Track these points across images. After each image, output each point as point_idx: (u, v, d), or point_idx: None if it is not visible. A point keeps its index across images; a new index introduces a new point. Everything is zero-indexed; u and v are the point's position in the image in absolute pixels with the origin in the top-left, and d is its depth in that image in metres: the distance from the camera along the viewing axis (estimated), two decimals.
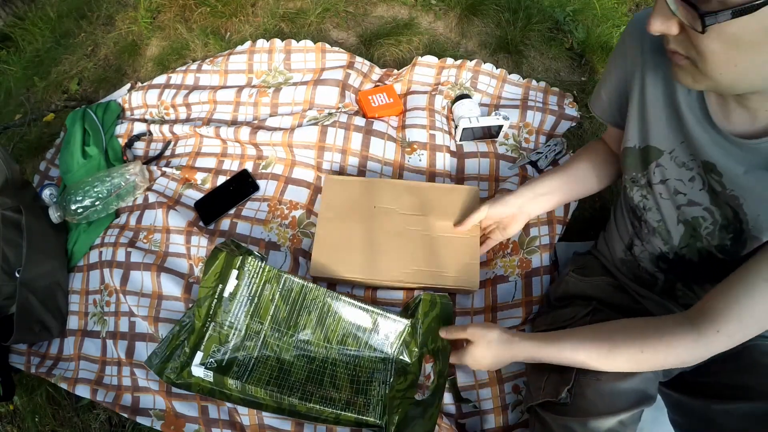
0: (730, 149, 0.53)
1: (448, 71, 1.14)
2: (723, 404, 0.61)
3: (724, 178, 0.54)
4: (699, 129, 0.55)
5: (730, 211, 0.55)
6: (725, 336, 0.53)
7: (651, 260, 0.68)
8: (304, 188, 0.99)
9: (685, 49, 0.45)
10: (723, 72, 0.44)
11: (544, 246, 0.90)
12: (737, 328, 0.52)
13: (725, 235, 0.57)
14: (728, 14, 0.38)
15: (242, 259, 0.78)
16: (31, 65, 1.43)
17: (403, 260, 0.86)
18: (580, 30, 1.30)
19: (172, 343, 0.80)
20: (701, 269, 0.59)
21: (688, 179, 0.59)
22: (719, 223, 0.57)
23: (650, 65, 0.59)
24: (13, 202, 0.92)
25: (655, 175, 0.62)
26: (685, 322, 0.56)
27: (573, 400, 0.63)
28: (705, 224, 0.59)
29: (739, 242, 0.55)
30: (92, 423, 0.90)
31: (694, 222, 0.60)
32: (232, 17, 1.36)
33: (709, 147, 0.55)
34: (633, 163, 0.65)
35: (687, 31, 0.43)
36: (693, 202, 0.59)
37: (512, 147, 1.05)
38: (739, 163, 0.53)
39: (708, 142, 0.55)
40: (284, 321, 0.80)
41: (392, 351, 0.81)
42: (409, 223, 0.89)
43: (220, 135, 1.05)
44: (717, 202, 0.57)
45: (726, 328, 0.52)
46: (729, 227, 0.56)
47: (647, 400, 0.62)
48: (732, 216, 0.55)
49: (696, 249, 0.61)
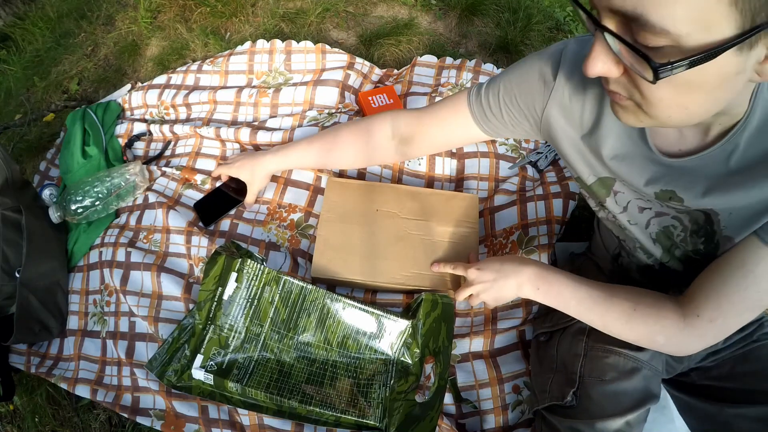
0: (675, 174, 0.51)
1: (448, 71, 1.14)
2: (736, 408, 0.61)
3: (686, 202, 0.52)
4: (646, 165, 0.52)
5: (701, 215, 0.53)
6: (705, 320, 0.54)
7: (638, 270, 0.67)
8: (304, 190, 0.99)
9: (628, 92, 0.40)
10: (671, 114, 0.39)
11: (542, 246, 0.90)
12: (717, 314, 0.53)
13: (697, 240, 0.55)
14: (685, 65, 0.32)
15: (241, 262, 0.78)
16: (31, 65, 1.43)
17: (403, 263, 0.87)
18: (580, 30, 1.30)
19: (173, 346, 0.81)
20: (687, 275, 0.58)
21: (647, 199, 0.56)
22: (689, 229, 0.55)
23: (578, 94, 0.56)
24: (13, 202, 0.92)
25: (617, 204, 0.60)
26: (676, 303, 0.57)
27: (579, 402, 0.63)
28: (676, 231, 0.57)
29: (711, 244, 0.54)
30: (92, 423, 0.90)
31: (666, 232, 0.58)
32: (232, 17, 1.36)
33: (658, 181, 0.52)
34: (588, 195, 0.64)
35: (630, 73, 0.38)
36: (660, 213, 0.57)
37: (512, 147, 1.05)
38: (693, 183, 0.50)
39: (656, 177, 0.52)
40: (284, 323, 0.80)
41: (393, 352, 0.81)
42: (410, 228, 0.90)
43: (220, 136, 1.05)
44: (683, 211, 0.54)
45: (705, 312, 0.53)
46: (699, 231, 0.54)
47: (652, 398, 0.62)
48: (703, 219, 0.53)
49: (677, 258, 0.59)
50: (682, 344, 0.57)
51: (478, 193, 0.99)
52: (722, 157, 0.47)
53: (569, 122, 0.58)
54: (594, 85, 0.54)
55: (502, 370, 0.83)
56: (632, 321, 0.59)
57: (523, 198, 0.96)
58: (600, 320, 0.62)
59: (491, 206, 0.96)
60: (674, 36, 0.32)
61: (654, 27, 0.32)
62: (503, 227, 0.94)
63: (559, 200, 0.93)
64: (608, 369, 0.63)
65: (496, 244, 0.93)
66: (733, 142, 0.46)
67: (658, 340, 0.58)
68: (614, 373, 0.63)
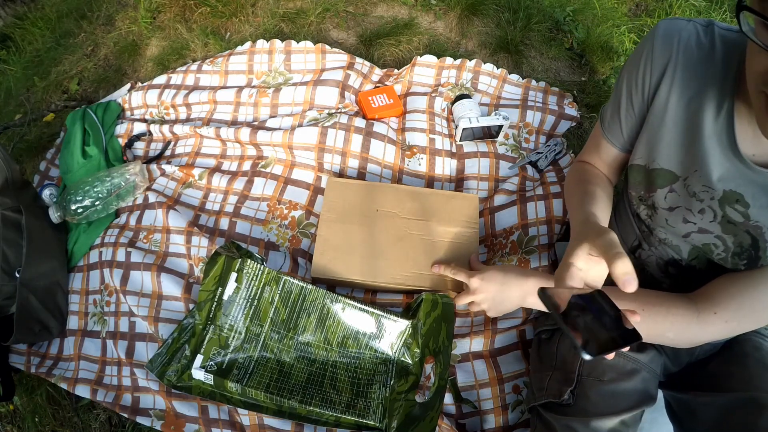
0: (755, 180, 0.51)
1: (448, 71, 1.14)
2: (705, 396, 0.62)
3: (751, 209, 0.52)
4: (723, 159, 0.52)
5: (748, 238, 0.53)
6: (721, 320, 0.54)
7: (658, 265, 0.67)
8: (304, 189, 0.99)
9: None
10: None
11: (542, 246, 0.90)
12: (733, 316, 0.53)
13: (738, 261, 0.55)
14: None
15: (241, 262, 0.78)
16: (31, 65, 1.43)
17: (403, 263, 0.87)
18: (580, 30, 1.30)
19: (173, 347, 0.81)
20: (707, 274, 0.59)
21: (698, 211, 0.57)
22: (731, 251, 0.55)
23: (679, 83, 0.55)
24: (13, 202, 0.92)
25: (665, 200, 0.59)
26: (687, 300, 0.58)
27: (576, 400, 0.63)
28: (717, 251, 0.57)
29: (754, 266, 0.54)
30: (92, 423, 0.90)
31: (704, 248, 0.58)
32: (232, 17, 1.36)
33: (733, 178, 0.52)
34: (640, 181, 0.63)
35: None
36: (704, 230, 0.57)
37: (512, 147, 1.05)
38: (766, 195, 0.51)
39: (732, 173, 0.52)
40: (284, 323, 0.80)
41: (393, 352, 0.81)
42: (411, 228, 0.90)
43: (220, 135, 1.05)
44: (731, 231, 0.55)
45: (723, 312, 0.54)
46: (743, 254, 0.55)
47: (648, 400, 0.62)
48: (749, 243, 0.53)
49: (705, 260, 0.59)
50: (692, 338, 0.57)
51: (478, 193, 0.99)
52: None
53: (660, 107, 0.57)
54: (698, 77, 0.53)
55: (502, 370, 0.83)
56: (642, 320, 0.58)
57: (523, 198, 0.96)
58: None
59: (491, 206, 0.96)
60: None
61: None
62: (503, 227, 0.94)
63: (560, 200, 0.93)
64: (608, 369, 0.64)
65: (496, 244, 0.93)
66: None
67: (668, 336, 0.58)
68: (613, 374, 0.63)
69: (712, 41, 0.53)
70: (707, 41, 0.53)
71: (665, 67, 0.55)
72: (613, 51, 1.28)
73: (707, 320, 0.55)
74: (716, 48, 0.52)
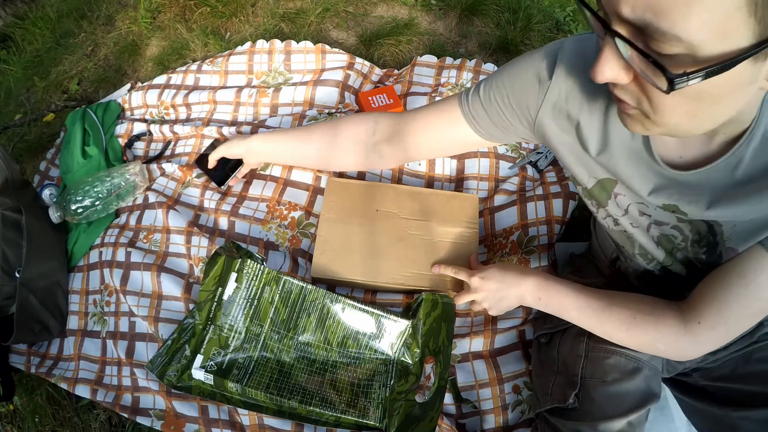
0: (679, 186, 0.50)
1: (448, 71, 1.14)
2: (742, 411, 0.61)
3: (689, 216, 0.51)
4: (647, 176, 0.51)
5: (704, 225, 0.52)
6: (707, 328, 0.54)
7: (636, 276, 0.67)
8: (303, 190, 0.99)
9: (636, 100, 0.39)
10: (680, 122, 0.38)
11: (542, 246, 0.90)
12: (717, 321, 0.53)
13: (698, 249, 0.55)
14: (701, 75, 0.31)
15: (241, 262, 0.78)
16: (31, 65, 1.43)
17: (403, 263, 0.87)
18: (580, 30, 1.30)
19: (173, 347, 0.81)
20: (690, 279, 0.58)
21: (646, 205, 0.55)
22: (690, 239, 0.54)
23: (584, 98, 0.53)
24: (13, 202, 0.92)
25: (618, 208, 0.58)
26: (676, 309, 0.57)
27: (581, 404, 0.63)
28: (676, 241, 0.56)
29: (714, 254, 0.53)
30: (92, 423, 0.90)
31: (666, 239, 0.57)
32: (232, 17, 1.36)
33: (662, 193, 0.51)
34: (588, 200, 0.62)
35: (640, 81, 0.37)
36: (659, 222, 0.56)
37: (512, 147, 1.05)
38: (697, 196, 0.49)
39: (659, 189, 0.51)
40: (284, 323, 0.80)
41: (393, 352, 0.81)
42: (411, 228, 0.90)
43: (222, 134, 1.05)
44: (685, 221, 0.54)
45: (706, 320, 0.54)
46: (701, 241, 0.54)
47: (653, 397, 0.63)
48: (706, 230, 0.52)
49: (680, 261, 0.58)
50: (682, 350, 0.57)
51: (478, 193, 0.99)
52: (728, 170, 0.46)
53: (566, 125, 0.56)
54: (595, 87, 0.52)
55: (502, 370, 0.83)
56: (632, 329, 0.59)
57: (523, 198, 0.96)
58: (600, 328, 0.62)
59: (491, 206, 0.96)
60: (688, 44, 0.30)
61: (666, 35, 0.31)
62: (503, 227, 0.94)
63: (559, 200, 0.93)
64: (610, 370, 0.64)
65: (496, 244, 0.93)
66: (738, 155, 0.45)
67: (659, 347, 0.58)
68: (616, 374, 0.63)
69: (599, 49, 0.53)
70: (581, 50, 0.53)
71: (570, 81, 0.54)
72: None
73: (693, 331, 0.55)
74: None
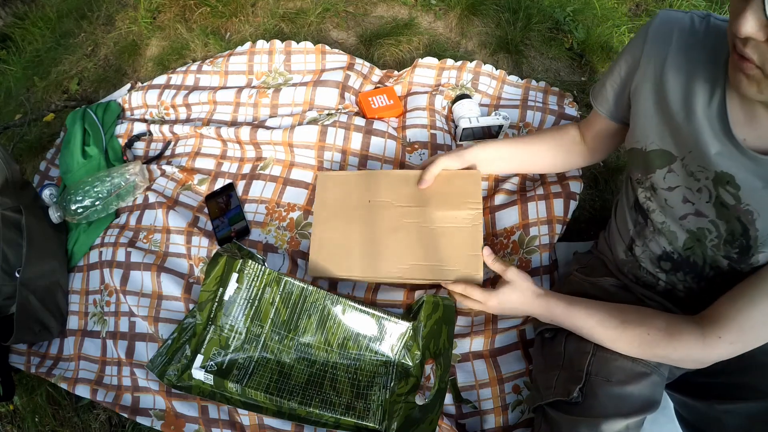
0: (746, 163, 0.52)
1: (449, 72, 1.14)
2: (726, 404, 0.62)
3: (742, 191, 0.53)
4: (715, 141, 0.54)
5: (738, 226, 0.54)
6: (726, 343, 0.55)
7: (652, 261, 0.68)
8: (303, 189, 0.99)
9: (761, 59, 0.43)
10: None
11: (543, 246, 0.90)
12: (737, 337, 0.54)
13: (730, 249, 0.57)
14: None
15: (242, 263, 0.78)
16: (31, 65, 1.43)
17: (401, 256, 0.83)
18: (580, 30, 1.30)
19: (173, 347, 0.81)
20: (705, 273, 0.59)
21: (696, 189, 0.58)
22: (723, 237, 0.57)
23: (673, 68, 0.58)
24: (13, 202, 0.92)
25: (665, 180, 0.61)
26: (693, 323, 0.58)
27: (584, 399, 0.63)
28: (710, 236, 0.58)
29: (745, 256, 0.55)
30: (92, 423, 0.90)
31: (699, 233, 0.59)
32: (232, 17, 1.36)
33: (726, 159, 0.54)
34: (639, 164, 0.65)
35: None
36: (700, 213, 0.58)
37: None
38: (758, 178, 0.52)
39: (724, 155, 0.54)
40: (284, 324, 0.80)
41: (394, 354, 0.81)
42: (406, 216, 0.85)
43: (221, 135, 1.05)
44: (724, 216, 0.56)
45: (727, 335, 0.55)
46: (734, 242, 0.56)
47: (653, 405, 0.63)
48: (740, 231, 0.55)
49: (701, 253, 0.60)
50: (699, 361, 0.58)
51: None
52: None
53: (655, 90, 0.60)
54: (684, 57, 0.56)
55: (503, 370, 0.83)
56: (644, 345, 0.61)
57: (524, 198, 0.95)
58: (612, 345, 0.64)
59: (492, 205, 0.96)
60: None
61: None
62: (504, 227, 0.94)
63: (560, 200, 0.93)
64: (616, 371, 0.64)
65: (497, 244, 0.93)
66: None
67: (673, 358, 0.59)
68: (622, 375, 0.63)
69: (707, 29, 0.56)
70: (702, 29, 0.56)
71: (661, 52, 0.59)
72: (613, 51, 1.28)
73: (713, 345, 0.56)
74: (709, 35, 0.56)
